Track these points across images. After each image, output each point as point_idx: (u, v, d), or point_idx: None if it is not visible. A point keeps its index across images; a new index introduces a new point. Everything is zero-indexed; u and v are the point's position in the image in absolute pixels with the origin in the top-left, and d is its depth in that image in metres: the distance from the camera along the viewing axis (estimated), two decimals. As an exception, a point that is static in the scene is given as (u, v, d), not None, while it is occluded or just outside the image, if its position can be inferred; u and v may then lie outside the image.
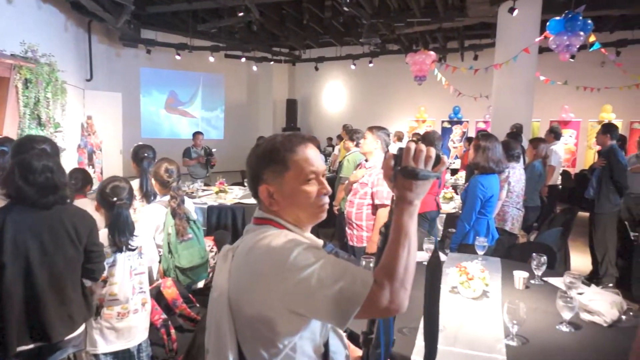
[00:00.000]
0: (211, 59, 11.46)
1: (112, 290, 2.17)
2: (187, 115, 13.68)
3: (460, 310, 2.12)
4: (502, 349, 1.74)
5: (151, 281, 2.58)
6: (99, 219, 2.23)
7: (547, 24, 6.16)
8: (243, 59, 12.36)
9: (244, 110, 14.48)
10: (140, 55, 11.71)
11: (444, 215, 4.58)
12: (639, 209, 4.88)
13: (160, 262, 2.75)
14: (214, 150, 7.12)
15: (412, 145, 0.99)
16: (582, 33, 5.99)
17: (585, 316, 2.01)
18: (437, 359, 1.65)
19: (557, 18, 6.02)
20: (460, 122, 12.64)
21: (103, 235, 2.16)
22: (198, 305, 2.46)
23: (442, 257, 2.98)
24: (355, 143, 4.72)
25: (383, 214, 3.15)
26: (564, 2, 6.76)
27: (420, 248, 3.08)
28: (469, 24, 9.74)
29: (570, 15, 5.94)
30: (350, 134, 4.80)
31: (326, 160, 9.16)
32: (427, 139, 4.29)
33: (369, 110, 13.53)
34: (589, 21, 5.95)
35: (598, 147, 4.92)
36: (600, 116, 10.87)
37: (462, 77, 8.63)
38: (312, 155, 1.18)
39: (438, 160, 0.99)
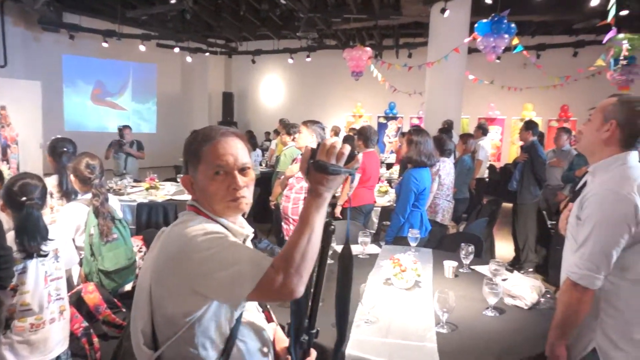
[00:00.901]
0: (142, 47, 10.86)
1: (23, 300, 1.96)
2: (116, 107, 12.87)
3: (393, 301, 2.16)
4: (433, 336, 1.79)
5: (71, 286, 2.38)
6: (5, 220, 2.01)
7: (476, 25, 6.48)
8: (176, 49, 11.83)
9: (178, 103, 13.89)
10: (62, 41, 10.84)
11: (379, 209, 4.67)
12: (555, 199, 5.27)
13: (81, 265, 2.55)
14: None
15: (329, 141, 1.01)
16: (506, 36, 6.38)
17: (508, 301, 2.13)
18: (371, 351, 1.68)
19: (485, 20, 6.35)
20: (395, 118, 13.01)
21: (10, 238, 1.94)
22: (124, 310, 2.30)
23: (377, 249, 3.03)
24: (292, 137, 4.68)
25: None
26: (490, 6, 7.14)
27: (355, 241, 3.13)
28: (404, 23, 10.02)
29: (496, 19, 6.30)
30: (287, 128, 4.75)
31: (263, 155, 9.04)
32: (363, 133, 4.34)
33: (306, 104, 13.54)
34: (513, 25, 6.34)
35: (521, 143, 5.25)
36: (523, 114, 11.67)
37: (397, 74, 8.84)
38: (224, 149, 1.19)
39: (351, 158, 1.02)
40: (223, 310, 1.14)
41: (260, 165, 8.10)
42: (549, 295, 2.15)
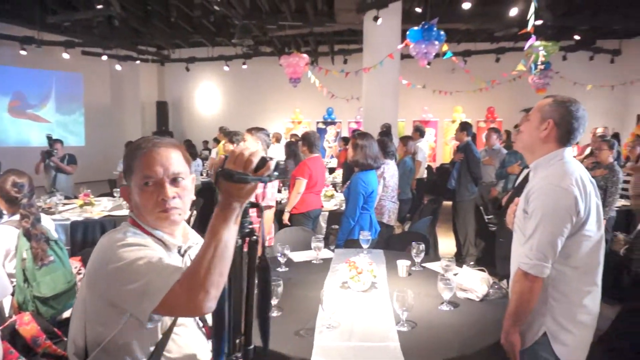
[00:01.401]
0: (65, 55, 10.18)
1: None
2: (38, 119, 11.91)
3: (352, 304, 2.17)
4: (395, 336, 1.81)
5: (2, 319, 2.15)
6: None
7: (407, 33, 6.76)
8: (104, 57, 11.22)
9: (108, 114, 13.15)
10: (-28, 49, 9.92)
11: (327, 213, 4.71)
12: (489, 195, 5.61)
13: (13, 294, 2.32)
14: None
15: (237, 148, 0.98)
16: (436, 42, 6.71)
17: (460, 294, 2.21)
18: (336, 356, 1.67)
19: (416, 28, 6.64)
20: (334, 123, 13.23)
21: None
22: (66, 339, 2.11)
23: (330, 253, 3.04)
24: (235, 145, 4.60)
25: (268, 215, 3.11)
26: (420, 14, 7.49)
27: (307, 247, 3.12)
28: (338, 30, 10.23)
29: (426, 26, 6.61)
30: (229, 136, 4.66)
31: (203, 164, 8.79)
32: (307, 139, 4.36)
33: (244, 112, 13.38)
34: (442, 32, 6.69)
35: (455, 143, 5.53)
36: (453, 116, 12.34)
37: (335, 80, 9.00)
38: (153, 160, 1.19)
39: (262, 164, 0.98)
40: (147, 325, 1.11)
41: (201, 175, 7.87)
42: (497, 286, 2.27)
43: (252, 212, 3.22)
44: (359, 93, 9.19)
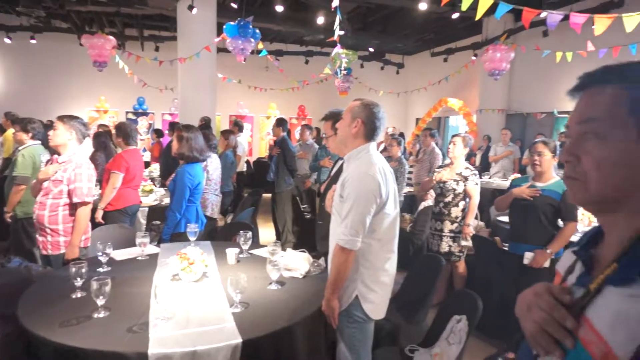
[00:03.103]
0: None
1: None
2: None
3: (186, 294, 2.19)
4: (230, 317, 1.93)
5: None
6: None
7: (224, 27, 6.82)
8: None
9: None
10: None
11: (146, 209, 4.48)
12: (304, 187, 6.14)
13: None
14: None
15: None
16: (252, 40, 6.96)
17: (286, 274, 2.46)
18: (174, 345, 1.69)
19: (232, 23, 6.76)
20: (146, 114, 12.36)
21: None
22: None
23: (156, 249, 2.95)
24: (30, 135, 3.97)
25: (84, 213, 2.83)
26: (236, 10, 7.61)
27: (128, 245, 2.97)
28: (149, 14, 9.60)
29: (242, 23, 6.79)
30: (23, 124, 3.99)
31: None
32: (122, 129, 4.06)
33: (37, 95, 11.27)
34: (258, 30, 6.96)
35: (271, 138, 5.87)
36: (268, 112, 12.89)
37: (147, 68, 8.43)
38: None
39: None
40: None
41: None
42: (316, 264, 2.59)
43: (65, 210, 2.98)
44: (173, 83, 8.82)
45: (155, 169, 7.03)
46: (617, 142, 0.68)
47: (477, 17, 3.06)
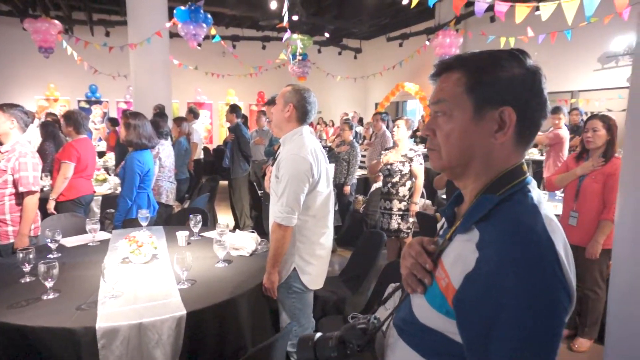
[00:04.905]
0: None
1: None
2: None
3: (135, 275, 2.29)
4: (177, 292, 2.05)
5: None
6: None
7: (175, 11, 6.73)
8: None
9: None
10: None
11: (100, 198, 4.48)
12: (261, 172, 6.24)
13: None
14: None
15: None
16: (205, 25, 6.90)
17: (233, 252, 2.60)
18: (121, 319, 1.80)
19: (183, 8, 6.68)
20: (99, 102, 12.00)
21: None
22: None
23: (107, 235, 3.02)
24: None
25: (32, 202, 2.85)
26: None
27: (80, 233, 3.01)
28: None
29: (193, 7, 6.72)
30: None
31: None
32: (72, 118, 4.00)
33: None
34: (209, 15, 6.91)
35: (228, 124, 5.92)
36: (227, 99, 12.80)
37: (97, 54, 8.18)
38: None
39: None
40: None
41: None
42: (264, 243, 2.74)
43: (11, 200, 3.04)
44: (127, 70, 8.62)
45: (110, 158, 6.95)
46: (459, 119, 0.85)
47: (413, 4, 3.23)
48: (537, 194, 0.82)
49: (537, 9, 3.39)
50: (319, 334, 1.02)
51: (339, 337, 0.96)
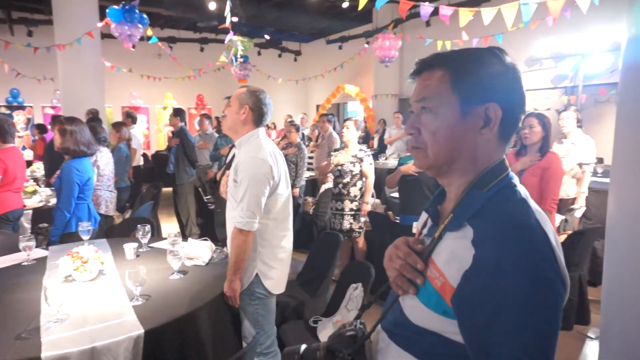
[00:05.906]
0: None
1: None
2: None
3: (81, 294, 2.11)
4: (130, 310, 1.91)
5: None
6: None
7: (107, 11, 6.36)
8: None
9: None
10: None
11: (30, 212, 4.11)
12: (206, 177, 6.05)
13: None
14: None
15: None
16: (140, 26, 6.57)
17: (188, 262, 2.47)
18: (69, 345, 1.65)
19: (116, 7, 6.32)
20: (22, 107, 11.07)
21: None
22: None
23: (44, 252, 2.77)
24: None
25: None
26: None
27: (11, 252, 2.74)
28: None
29: (127, 7, 6.38)
30: None
31: None
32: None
33: None
34: (145, 16, 6.59)
35: (169, 129, 5.68)
36: (165, 102, 12.29)
37: (20, 55, 7.53)
38: None
39: None
40: None
41: None
42: (219, 251, 2.63)
43: None
44: (53, 73, 8.02)
45: (39, 168, 6.41)
46: (445, 116, 0.84)
47: (360, 7, 3.27)
48: (522, 188, 0.84)
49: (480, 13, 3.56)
50: (304, 346, 0.97)
51: (327, 347, 0.92)
